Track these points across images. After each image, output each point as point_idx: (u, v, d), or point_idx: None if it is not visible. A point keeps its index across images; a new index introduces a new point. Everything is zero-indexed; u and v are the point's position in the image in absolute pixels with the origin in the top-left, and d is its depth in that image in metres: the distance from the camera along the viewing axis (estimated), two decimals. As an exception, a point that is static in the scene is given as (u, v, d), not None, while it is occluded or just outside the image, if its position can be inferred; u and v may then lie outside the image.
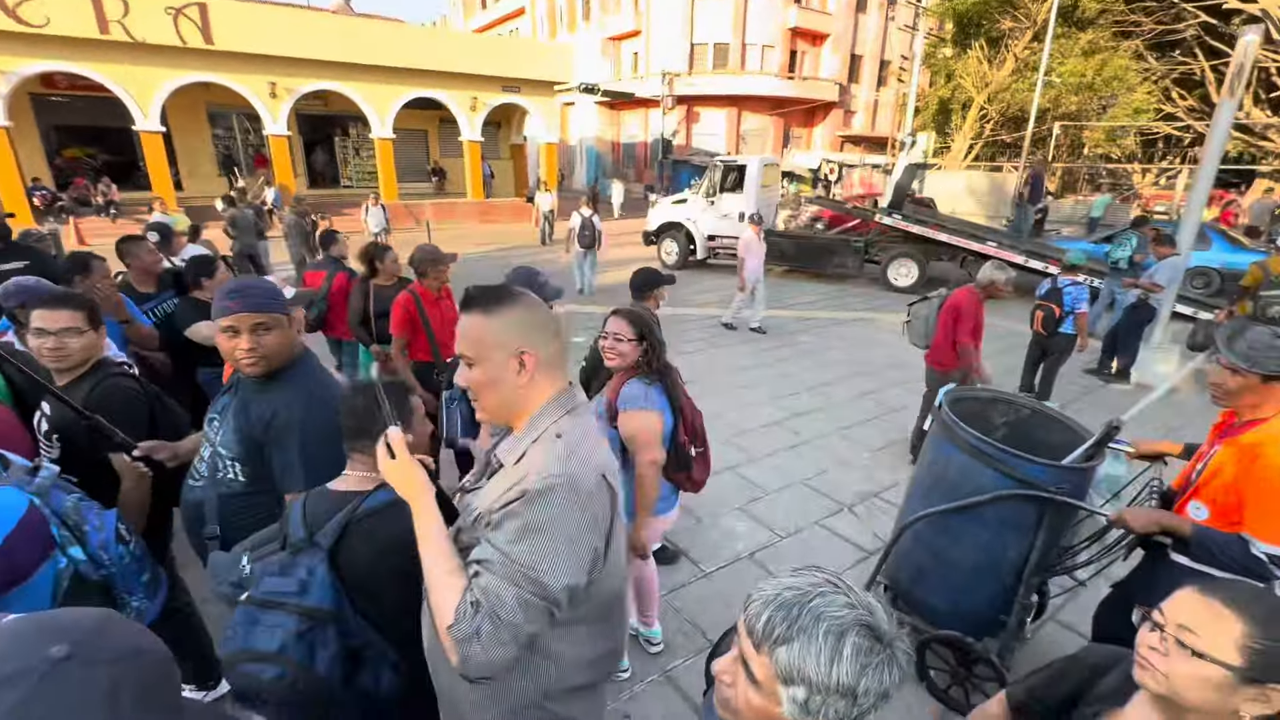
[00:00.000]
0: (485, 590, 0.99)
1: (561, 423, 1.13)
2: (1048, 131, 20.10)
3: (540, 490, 1.01)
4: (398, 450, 1.13)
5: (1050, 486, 2.14)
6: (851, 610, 0.69)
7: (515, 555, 1.00)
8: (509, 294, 1.15)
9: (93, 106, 17.69)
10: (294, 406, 1.56)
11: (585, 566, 1.06)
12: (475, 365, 1.12)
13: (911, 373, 6.54)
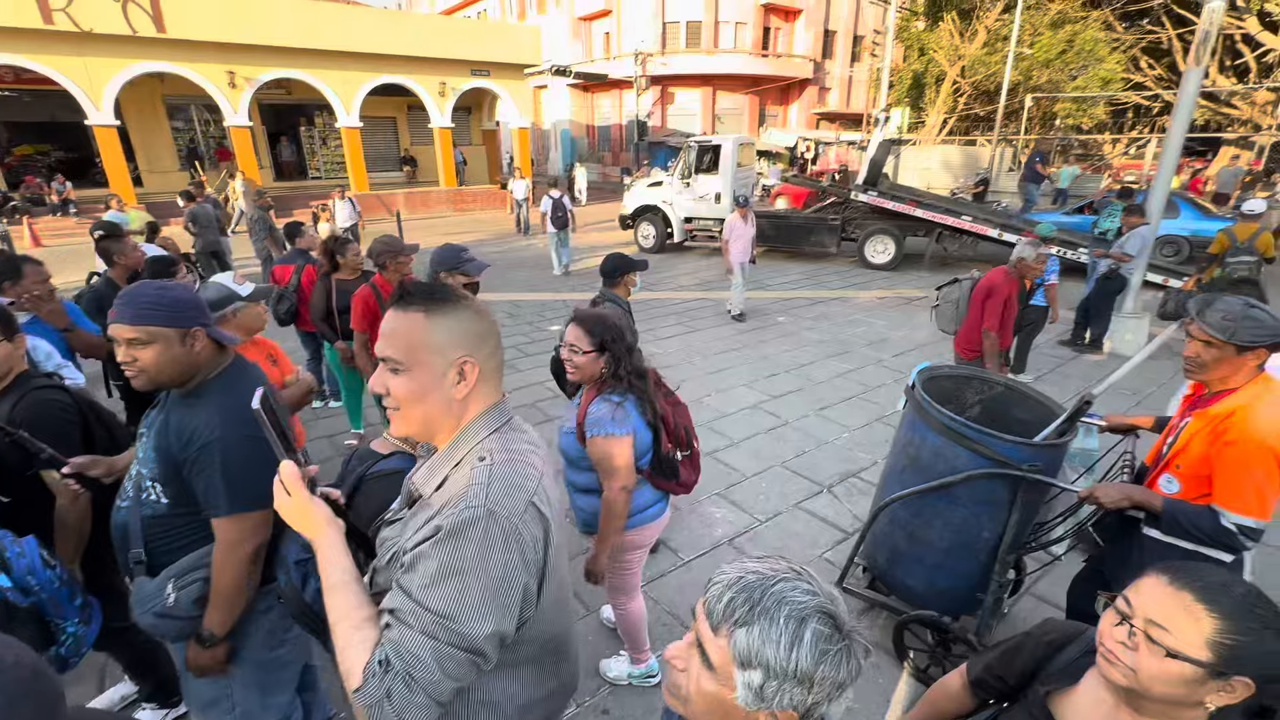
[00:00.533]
0: (396, 646, 0.86)
1: (487, 443, 1.00)
2: (1019, 104, 20.19)
3: (456, 526, 0.89)
4: (293, 488, 0.99)
5: (1022, 464, 2.11)
6: (814, 598, 0.69)
7: (429, 603, 0.87)
8: (454, 295, 1.02)
9: (42, 101, 17.01)
10: (214, 425, 1.41)
11: (513, 609, 0.93)
12: (404, 372, 0.98)
13: (889, 350, 6.56)
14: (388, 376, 0.99)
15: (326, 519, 1.00)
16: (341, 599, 0.94)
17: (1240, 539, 1.69)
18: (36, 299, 2.48)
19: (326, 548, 0.98)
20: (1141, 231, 5.93)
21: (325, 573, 0.96)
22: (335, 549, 0.98)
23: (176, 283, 1.54)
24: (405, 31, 17.70)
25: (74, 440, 1.79)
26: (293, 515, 1.00)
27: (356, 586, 0.96)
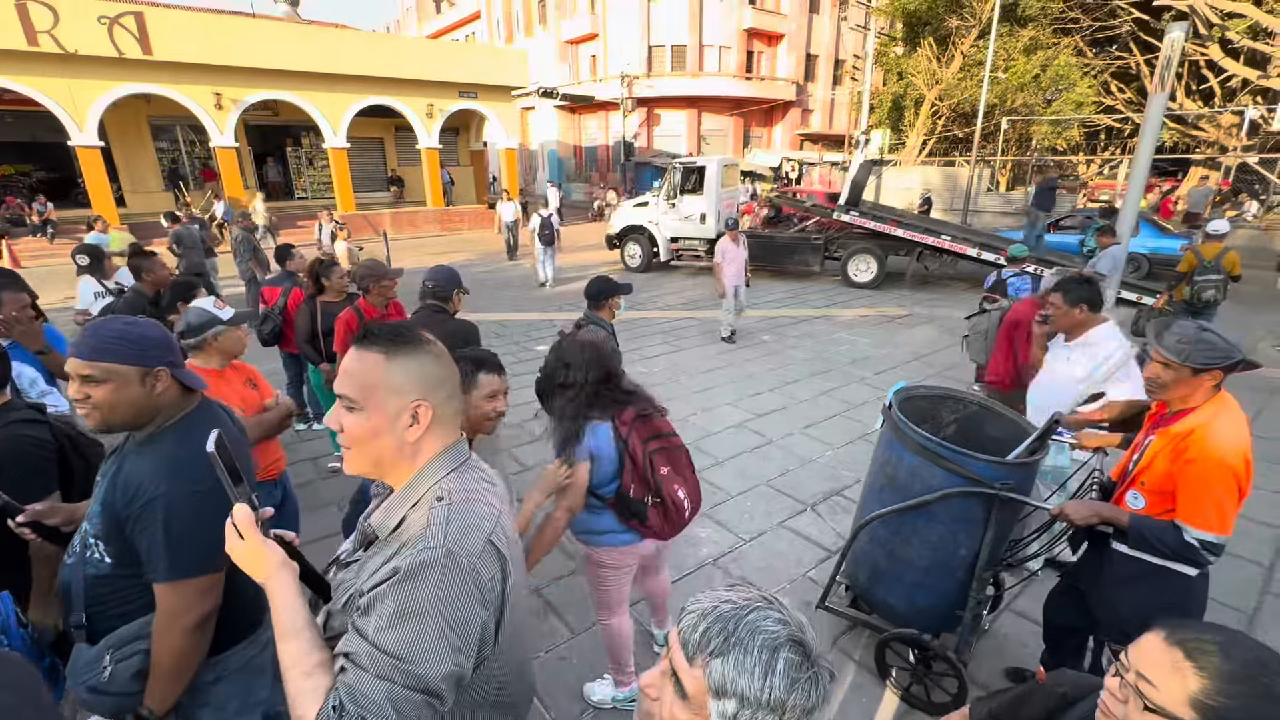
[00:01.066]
0: (351, 690, 0.85)
1: (444, 483, 1.01)
2: (995, 126, 20.72)
3: (414, 567, 0.89)
4: (246, 531, 0.97)
5: (996, 482, 2.16)
6: (785, 626, 0.70)
7: (385, 645, 0.86)
8: (416, 338, 1.03)
9: (25, 121, 16.92)
10: (160, 479, 1.29)
11: (470, 649, 0.94)
12: (359, 411, 0.98)
13: (871, 368, 6.64)
14: (343, 414, 1.00)
15: (278, 562, 0.98)
16: (294, 645, 0.92)
17: (1202, 554, 1.74)
18: (10, 320, 2.45)
19: (279, 591, 0.96)
20: (1113, 251, 6.10)
21: (277, 618, 0.94)
22: (288, 592, 0.96)
23: (146, 319, 1.43)
24: (393, 54, 17.89)
25: (49, 476, 1.70)
26: (245, 558, 0.98)
27: (310, 632, 0.94)
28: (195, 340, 2.33)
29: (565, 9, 30.31)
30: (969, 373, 6.30)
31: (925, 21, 21.81)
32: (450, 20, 39.38)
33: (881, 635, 2.58)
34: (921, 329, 8.30)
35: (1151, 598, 1.88)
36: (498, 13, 34.35)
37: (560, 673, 2.65)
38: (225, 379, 2.35)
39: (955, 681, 2.39)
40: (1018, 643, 2.84)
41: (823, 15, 30.26)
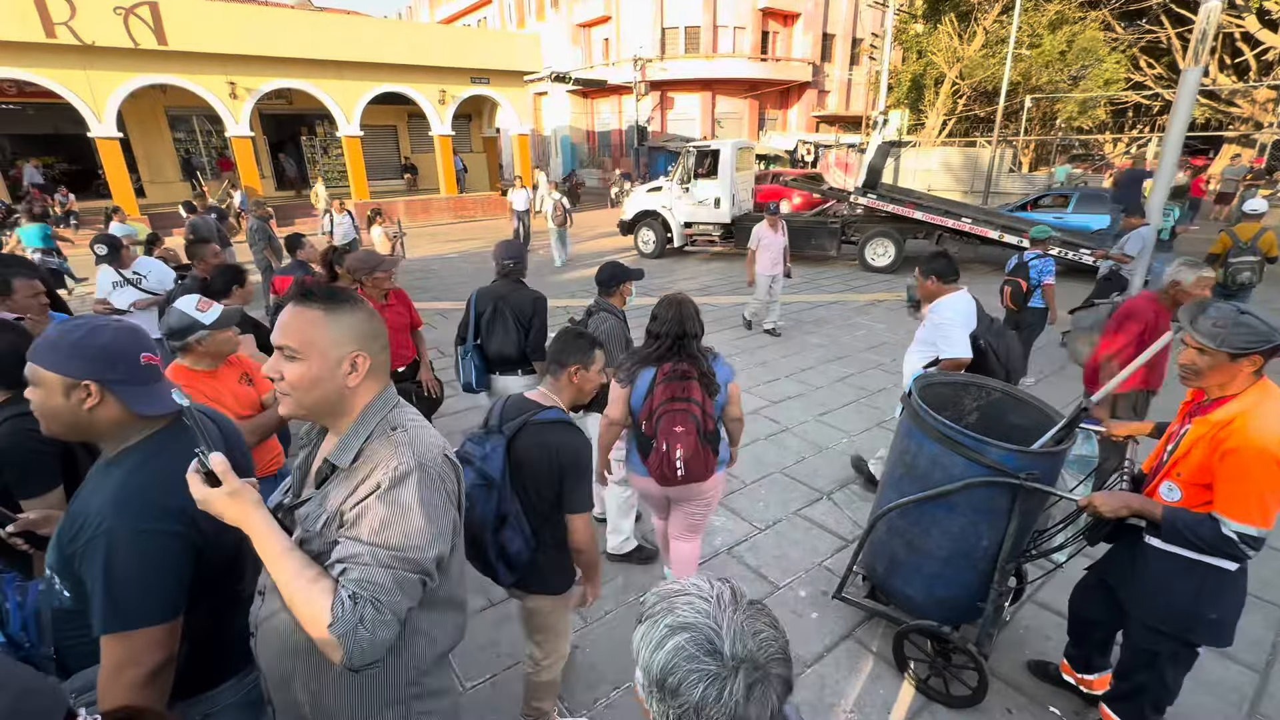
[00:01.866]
0: (360, 582, 1.01)
1: (391, 417, 1.17)
2: (1018, 105, 20.17)
3: (396, 478, 1.06)
4: (224, 477, 1.04)
5: (1019, 472, 2.09)
6: (701, 618, 0.70)
7: (385, 541, 1.03)
8: (351, 297, 1.17)
9: (46, 114, 17.14)
10: (105, 512, 1.13)
11: (447, 536, 1.14)
12: (299, 360, 1.10)
13: (889, 354, 6.52)
14: (283, 363, 1.11)
15: (255, 500, 1.06)
16: (290, 562, 1.03)
17: (1241, 548, 1.66)
18: (22, 308, 2.45)
19: (263, 521, 1.05)
20: (1141, 232, 5.90)
21: (266, 545, 1.03)
22: (270, 522, 1.06)
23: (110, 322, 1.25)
24: (405, 40, 17.79)
25: (49, 472, 1.64)
26: (221, 503, 1.04)
27: (299, 552, 1.06)
28: (178, 344, 2.22)
29: (577, -9, 29.95)
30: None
31: (947, -4, 21.22)
32: (462, 5, 39.08)
33: (899, 627, 2.53)
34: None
35: (1187, 594, 1.81)
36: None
37: (571, 661, 2.63)
38: (218, 377, 2.26)
39: (976, 674, 2.33)
40: (1040, 635, 2.78)
41: (840, -7, 29.56)
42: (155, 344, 1.37)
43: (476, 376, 3.55)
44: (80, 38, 13.40)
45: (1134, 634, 1.97)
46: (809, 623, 2.84)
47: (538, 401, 1.93)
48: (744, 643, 0.68)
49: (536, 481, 1.83)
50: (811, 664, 2.62)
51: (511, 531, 1.81)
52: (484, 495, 1.79)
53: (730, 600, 0.73)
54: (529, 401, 1.94)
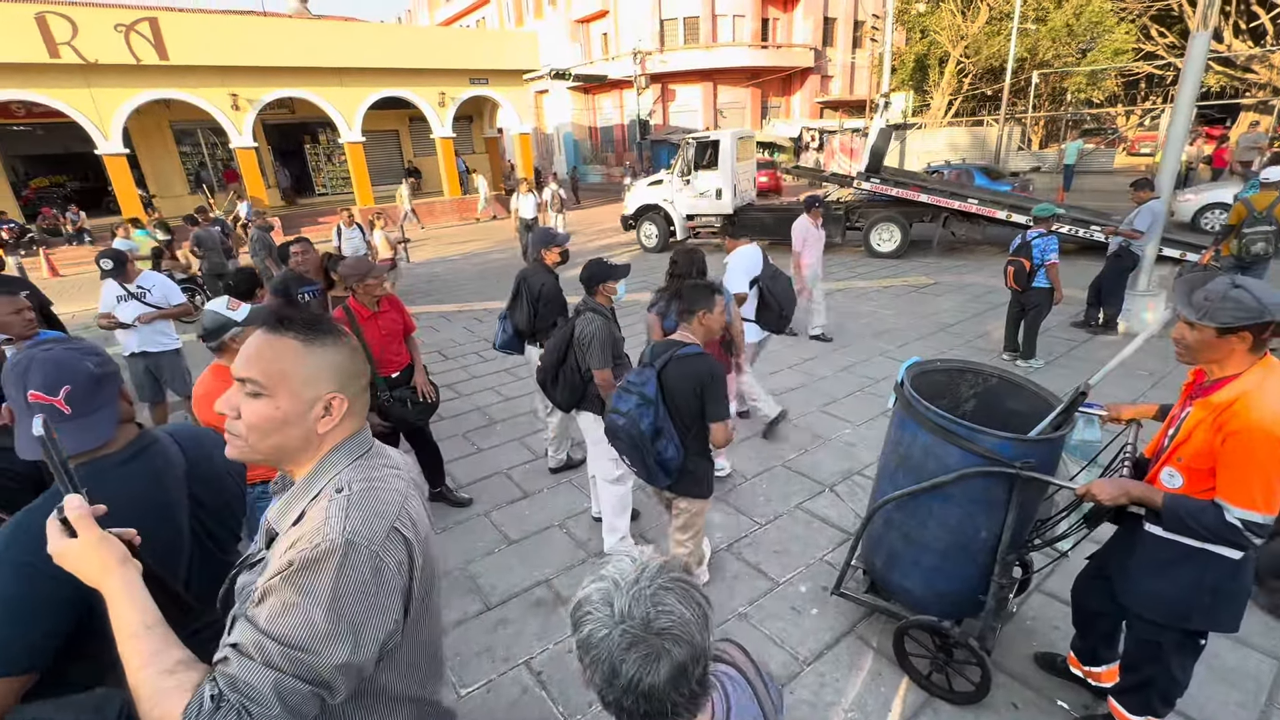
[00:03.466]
0: (232, 680, 0.80)
1: (345, 474, 0.96)
2: (1026, 82, 19.77)
3: (311, 558, 0.84)
4: (79, 526, 0.88)
5: (1015, 461, 2.01)
6: (616, 575, 0.77)
7: (276, 632, 0.82)
8: (333, 328, 0.99)
9: (55, 133, 17.40)
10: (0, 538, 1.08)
11: (371, 640, 0.88)
12: (264, 398, 0.92)
13: (895, 341, 6.41)
14: (242, 399, 0.94)
15: (119, 558, 0.89)
16: (147, 642, 0.84)
17: (1246, 535, 1.58)
18: (4, 324, 2.46)
19: (122, 589, 0.87)
20: (1152, 205, 5.73)
21: (121, 616, 0.85)
22: (133, 588, 0.88)
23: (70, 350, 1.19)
24: (402, 44, 17.81)
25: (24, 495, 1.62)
26: (78, 556, 0.88)
27: (164, 629, 0.87)
28: (214, 344, 2.36)
29: (574, -13, 29.81)
30: (995, 343, 6.06)
31: (948, -26, 20.82)
32: (460, 7, 39.08)
33: (900, 622, 2.47)
34: (949, 298, 7.99)
35: (1189, 584, 1.73)
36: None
37: (567, 663, 2.60)
38: None
39: (979, 670, 2.27)
40: (1049, 625, 2.70)
41: (840, -25, 29.12)
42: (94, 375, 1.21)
43: (502, 340, 4.02)
44: (83, 56, 13.56)
45: (1135, 625, 1.90)
46: (809, 619, 2.79)
47: (679, 340, 2.43)
48: (639, 607, 0.73)
49: (684, 399, 2.38)
50: (811, 662, 2.57)
51: (665, 441, 2.38)
52: (645, 412, 2.34)
53: (652, 572, 0.77)
54: (672, 341, 2.45)
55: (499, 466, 4.29)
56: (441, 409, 4.42)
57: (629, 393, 2.39)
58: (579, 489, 3.93)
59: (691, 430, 2.44)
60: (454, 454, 4.44)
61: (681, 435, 2.42)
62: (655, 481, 2.47)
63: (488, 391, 5.68)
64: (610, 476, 3.12)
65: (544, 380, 3.20)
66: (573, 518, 3.65)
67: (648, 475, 2.44)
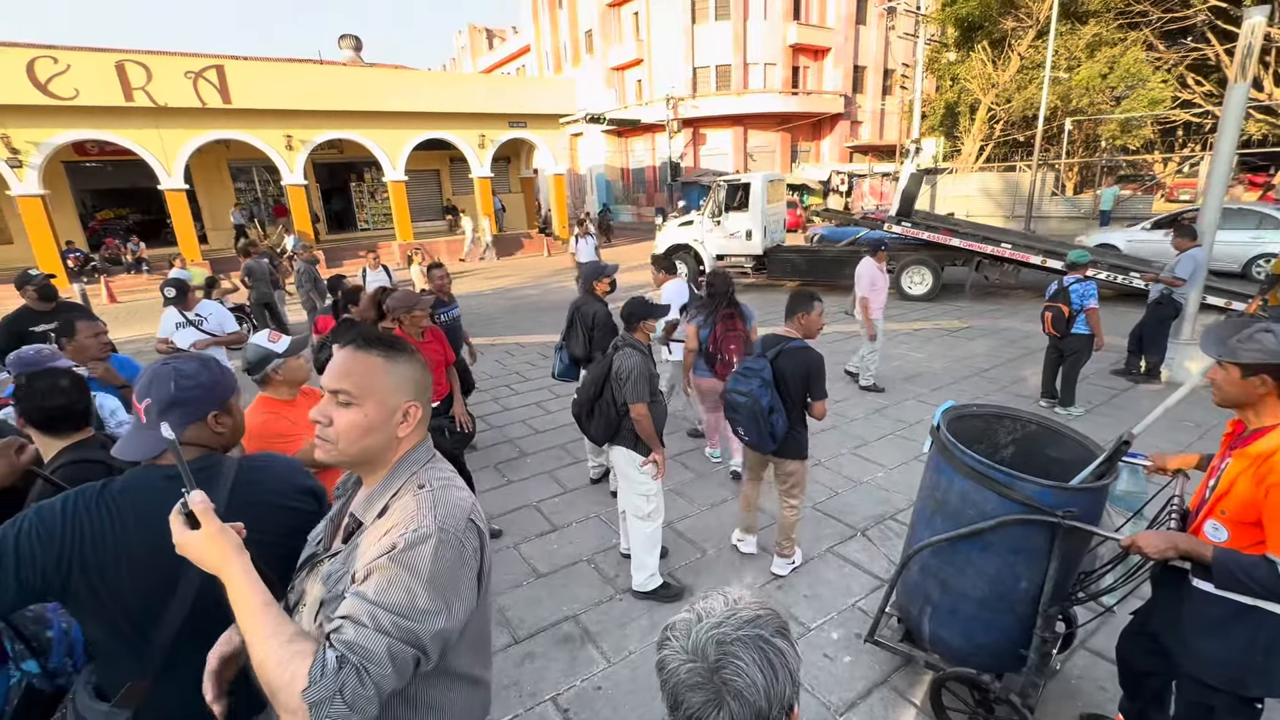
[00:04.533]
0: (350, 644, 0.91)
1: (421, 474, 1.10)
2: (1059, 128, 19.76)
3: (411, 541, 0.98)
4: (204, 519, 0.99)
5: (1056, 509, 1.98)
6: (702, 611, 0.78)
7: (387, 604, 0.94)
8: (408, 346, 1.15)
9: (122, 169, 18.56)
10: None
11: (460, 611, 1.03)
12: (356, 405, 1.06)
13: (927, 384, 6.34)
14: (335, 409, 1.07)
15: (236, 546, 0.99)
16: (267, 619, 0.94)
17: (1305, 593, 1.53)
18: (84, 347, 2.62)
19: (242, 573, 0.97)
20: (1194, 254, 5.64)
21: (243, 596, 0.95)
22: (250, 572, 0.98)
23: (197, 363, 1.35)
24: (448, 91, 18.74)
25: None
26: (198, 548, 0.98)
27: (276, 607, 0.96)
28: (258, 376, 2.40)
29: (611, 37, 31.08)
30: (1032, 389, 5.95)
31: (978, 25, 21.12)
32: (502, 55, 41.04)
33: (937, 674, 2.40)
34: (982, 342, 7.89)
35: (1242, 644, 1.66)
36: (547, 45, 35.56)
37: (593, 701, 2.58)
38: (297, 406, 2.39)
39: (1020, 728, 2.18)
40: (1095, 685, 2.59)
41: (870, 26, 29.83)
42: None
43: (560, 369, 4.42)
44: (155, 100, 14.59)
45: (1185, 686, 1.83)
46: (841, 667, 2.73)
47: (786, 335, 3.10)
48: (711, 648, 0.73)
49: (795, 382, 3.01)
50: (844, 712, 2.50)
51: (777, 415, 2.97)
52: (764, 392, 2.94)
53: (739, 620, 0.75)
54: (780, 336, 3.10)
55: (529, 499, 4.33)
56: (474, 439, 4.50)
57: (749, 377, 3.00)
58: (608, 524, 3.94)
59: (796, 406, 3.06)
60: (485, 485, 4.50)
61: (788, 410, 3.03)
62: (764, 448, 3.08)
63: (519, 424, 5.77)
64: (641, 513, 3.14)
65: (579, 413, 3.26)
66: (601, 553, 3.66)
67: (759, 443, 3.05)
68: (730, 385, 3.09)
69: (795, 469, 3.24)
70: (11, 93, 13.31)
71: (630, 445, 3.11)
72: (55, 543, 1.14)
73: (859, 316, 6.23)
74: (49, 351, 2.59)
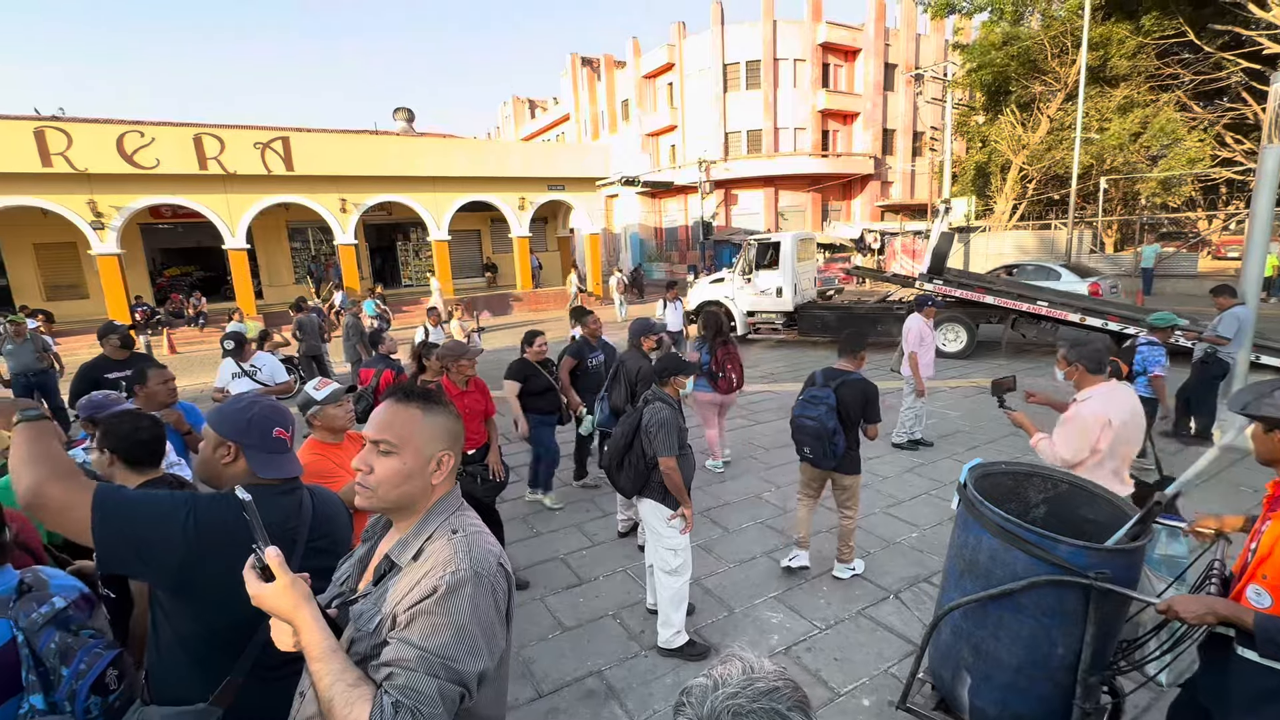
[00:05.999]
0: (404, 689, 0.98)
1: (453, 519, 1.17)
2: (1094, 187, 19.71)
3: (451, 585, 1.05)
4: (277, 572, 1.05)
5: (1089, 571, 1.95)
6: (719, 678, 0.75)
7: (434, 648, 1.01)
8: (443, 399, 1.24)
9: (191, 230, 20.01)
10: None
11: (495, 649, 1.10)
12: (395, 455, 1.14)
13: (963, 443, 6.21)
14: (376, 457, 1.15)
15: (306, 595, 1.06)
16: (333, 664, 1.01)
17: (1353, 665, 1.47)
18: (154, 394, 2.84)
19: (311, 620, 1.04)
20: (1236, 312, 5.52)
21: (311, 643, 1.03)
22: (319, 618, 1.05)
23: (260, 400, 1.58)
24: (491, 157, 19.89)
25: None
26: (274, 597, 1.05)
27: (341, 652, 1.05)
28: (305, 419, 2.58)
29: (647, 106, 32.69)
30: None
31: (1005, 90, 21.56)
32: (543, 123, 43.41)
33: (973, 745, 2.30)
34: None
35: (1292, 717, 1.59)
36: (585, 114, 37.54)
37: (619, 762, 2.54)
38: (343, 449, 2.54)
39: (1064, 808, 2.07)
40: (1148, 767, 2.43)
41: (898, 93, 30.68)
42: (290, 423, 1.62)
43: (601, 419, 4.71)
44: (225, 168, 15.86)
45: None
46: (873, 736, 2.63)
47: (844, 369, 3.74)
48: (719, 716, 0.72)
49: (855, 408, 3.58)
50: (876, 784, 2.40)
51: (838, 436, 3.51)
52: (830, 417, 3.51)
53: (756, 691, 0.73)
54: (838, 370, 3.73)
55: (556, 552, 4.35)
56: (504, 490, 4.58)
57: (816, 404, 3.57)
58: (635, 578, 3.92)
59: (853, 428, 3.64)
60: (514, 536, 4.55)
61: (847, 432, 3.58)
62: (826, 464, 3.63)
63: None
64: (668, 567, 3.14)
65: (610, 465, 3.33)
66: (627, 608, 3.63)
67: (822, 459, 3.61)
68: (799, 411, 3.64)
69: (851, 483, 3.73)
70: (103, 163, 14.71)
71: (658, 498, 3.15)
72: (210, 527, 1.31)
73: (904, 373, 6.25)
74: (115, 396, 2.83)
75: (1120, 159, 19.89)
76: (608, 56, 35.18)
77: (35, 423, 1.31)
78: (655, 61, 31.34)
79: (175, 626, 1.39)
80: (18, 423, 1.30)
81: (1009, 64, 20.48)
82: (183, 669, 1.39)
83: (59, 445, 1.34)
